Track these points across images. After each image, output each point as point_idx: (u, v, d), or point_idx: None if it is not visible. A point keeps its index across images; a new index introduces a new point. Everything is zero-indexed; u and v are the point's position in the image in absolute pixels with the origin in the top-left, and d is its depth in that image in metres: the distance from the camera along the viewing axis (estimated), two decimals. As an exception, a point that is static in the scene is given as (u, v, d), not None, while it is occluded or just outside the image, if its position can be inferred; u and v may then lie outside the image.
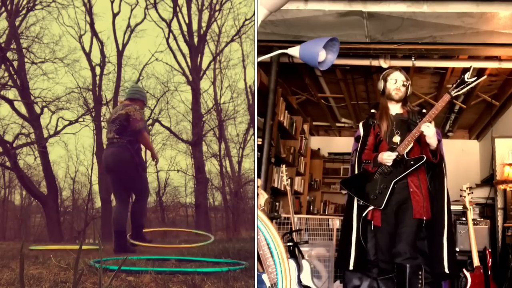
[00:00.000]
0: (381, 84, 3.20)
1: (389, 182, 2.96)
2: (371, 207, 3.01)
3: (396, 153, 2.95)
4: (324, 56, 2.13)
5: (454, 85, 2.89)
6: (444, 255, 2.93)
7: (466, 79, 2.86)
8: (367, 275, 3.10)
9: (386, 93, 3.16)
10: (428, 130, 2.86)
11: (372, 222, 3.03)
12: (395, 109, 3.16)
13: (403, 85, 3.13)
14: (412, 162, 2.96)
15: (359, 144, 3.21)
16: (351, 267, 3.01)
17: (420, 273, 2.87)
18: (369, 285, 3.10)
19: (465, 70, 2.93)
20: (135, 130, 4.20)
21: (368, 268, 3.08)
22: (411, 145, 2.97)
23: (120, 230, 4.20)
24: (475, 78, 2.88)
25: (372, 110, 3.27)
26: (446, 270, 2.92)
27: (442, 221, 2.99)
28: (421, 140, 3.01)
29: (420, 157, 2.96)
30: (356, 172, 3.16)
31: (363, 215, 3.04)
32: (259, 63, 4.54)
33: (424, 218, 2.96)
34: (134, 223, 4.37)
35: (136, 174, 4.27)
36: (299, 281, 3.10)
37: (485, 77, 3.06)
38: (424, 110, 3.13)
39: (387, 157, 2.96)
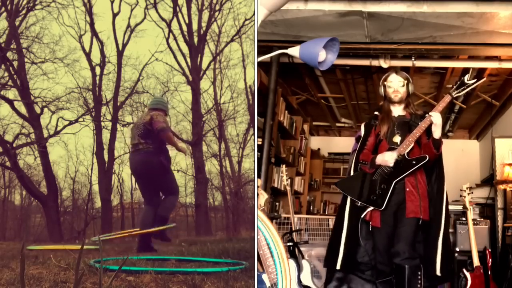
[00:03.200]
0: (381, 90, 3.21)
1: (390, 182, 2.95)
2: (371, 208, 3.00)
3: (397, 153, 2.95)
4: (324, 56, 2.13)
5: (455, 87, 2.90)
6: (437, 257, 2.92)
7: (466, 81, 2.88)
8: (362, 278, 3.09)
9: (387, 97, 3.18)
10: (437, 117, 2.87)
11: (370, 223, 3.02)
12: (397, 111, 3.17)
13: (402, 85, 3.13)
14: (414, 162, 2.96)
15: (359, 144, 3.21)
16: (338, 267, 3.00)
17: (419, 273, 2.86)
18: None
19: (465, 70, 2.94)
20: (158, 129, 4.39)
21: (360, 270, 3.07)
22: (412, 145, 2.97)
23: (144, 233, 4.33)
24: (475, 80, 2.89)
25: (376, 112, 3.27)
26: (438, 273, 2.90)
27: (439, 223, 2.98)
28: (420, 140, 3.02)
29: (422, 156, 2.96)
30: (353, 172, 3.16)
31: (362, 216, 3.04)
32: (259, 63, 4.54)
33: (421, 217, 2.95)
34: (160, 217, 4.41)
35: (167, 176, 4.50)
36: (299, 281, 3.10)
37: (484, 79, 3.07)
38: (427, 115, 3.13)
39: (389, 158, 2.95)
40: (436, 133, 2.93)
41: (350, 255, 3.03)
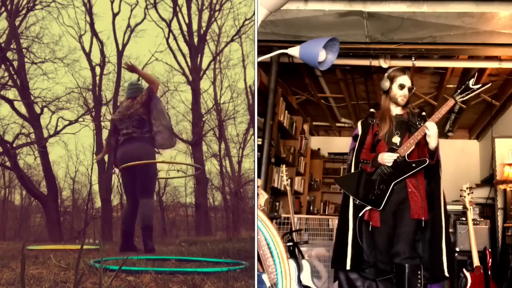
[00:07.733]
0: (386, 84, 3.11)
1: (389, 183, 2.95)
2: (368, 207, 3.00)
3: (397, 155, 2.95)
4: (324, 56, 2.13)
5: (459, 91, 2.88)
6: (443, 259, 2.95)
7: (470, 86, 2.85)
8: (363, 276, 3.10)
9: (391, 96, 3.11)
10: (432, 128, 2.85)
11: (370, 222, 3.02)
12: (395, 110, 3.15)
13: (409, 90, 3.11)
14: (414, 165, 2.95)
15: (357, 143, 3.20)
16: (348, 267, 3.00)
17: (419, 272, 2.87)
18: (367, 286, 3.09)
19: (467, 71, 2.94)
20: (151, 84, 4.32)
21: (362, 268, 3.08)
22: (413, 147, 2.96)
23: (127, 230, 4.24)
24: (480, 85, 2.87)
25: (372, 110, 3.26)
26: (446, 274, 2.95)
27: (440, 224, 3.01)
28: (420, 143, 3.01)
29: (423, 160, 2.95)
30: (353, 171, 3.16)
31: (360, 215, 3.04)
32: (259, 63, 4.54)
33: (423, 218, 2.96)
34: (144, 225, 4.18)
35: (152, 170, 4.28)
36: (299, 281, 3.10)
37: (489, 84, 3.04)
38: (424, 113, 3.12)
39: (387, 157, 2.95)
40: (431, 143, 2.90)
41: (358, 254, 3.04)
